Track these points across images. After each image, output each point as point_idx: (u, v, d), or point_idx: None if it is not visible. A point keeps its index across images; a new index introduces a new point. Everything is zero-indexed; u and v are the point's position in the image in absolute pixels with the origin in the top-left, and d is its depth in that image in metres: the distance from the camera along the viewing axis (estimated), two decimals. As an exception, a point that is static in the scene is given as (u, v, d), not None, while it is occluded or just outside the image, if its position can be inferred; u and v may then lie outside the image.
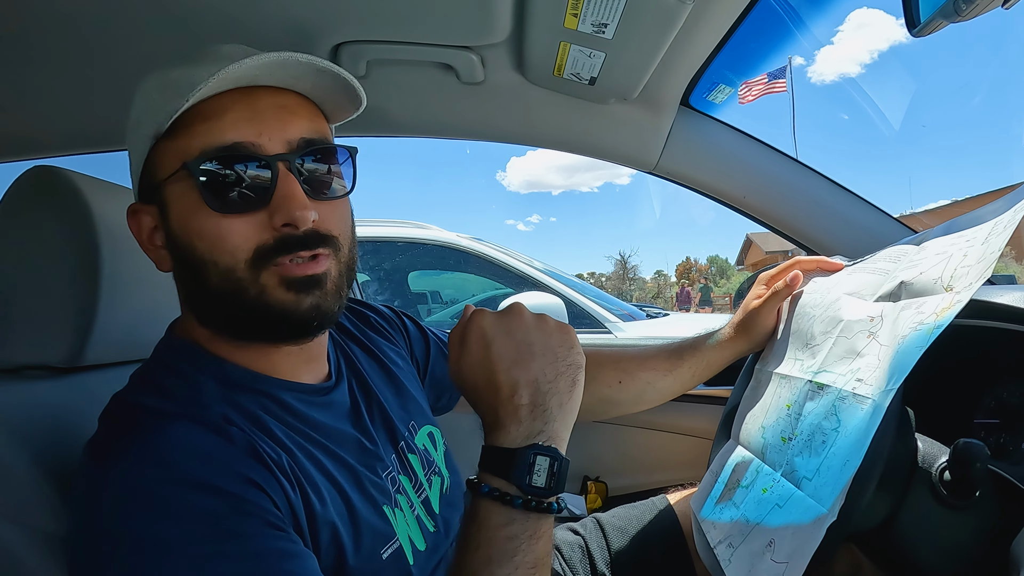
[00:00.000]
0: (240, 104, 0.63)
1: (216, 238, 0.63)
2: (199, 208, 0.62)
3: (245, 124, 0.63)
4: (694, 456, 1.64)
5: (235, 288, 0.63)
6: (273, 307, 0.64)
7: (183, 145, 0.63)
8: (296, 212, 0.62)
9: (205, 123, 0.62)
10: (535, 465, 0.57)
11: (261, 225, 0.63)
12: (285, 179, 0.63)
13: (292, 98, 0.67)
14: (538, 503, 0.57)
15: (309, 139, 0.66)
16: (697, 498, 0.95)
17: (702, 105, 1.35)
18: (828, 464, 0.69)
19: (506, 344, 0.63)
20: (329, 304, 0.66)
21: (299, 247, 0.63)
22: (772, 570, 0.69)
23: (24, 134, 1.37)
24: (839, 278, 0.93)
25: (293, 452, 0.65)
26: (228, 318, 0.66)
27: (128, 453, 0.57)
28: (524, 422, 0.59)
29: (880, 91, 14.72)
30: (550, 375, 0.61)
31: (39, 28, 1.04)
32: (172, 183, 0.64)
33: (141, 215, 0.69)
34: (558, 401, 0.61)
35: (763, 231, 1.85)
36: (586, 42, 1.05)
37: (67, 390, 0.81)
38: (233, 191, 0.62)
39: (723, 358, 1.07)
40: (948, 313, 0.64)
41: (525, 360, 0.62)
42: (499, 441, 0.59)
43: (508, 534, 0.56)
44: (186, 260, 0.65)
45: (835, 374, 0.78)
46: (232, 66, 0.59)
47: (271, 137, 0.63)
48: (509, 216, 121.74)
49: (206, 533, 0.54)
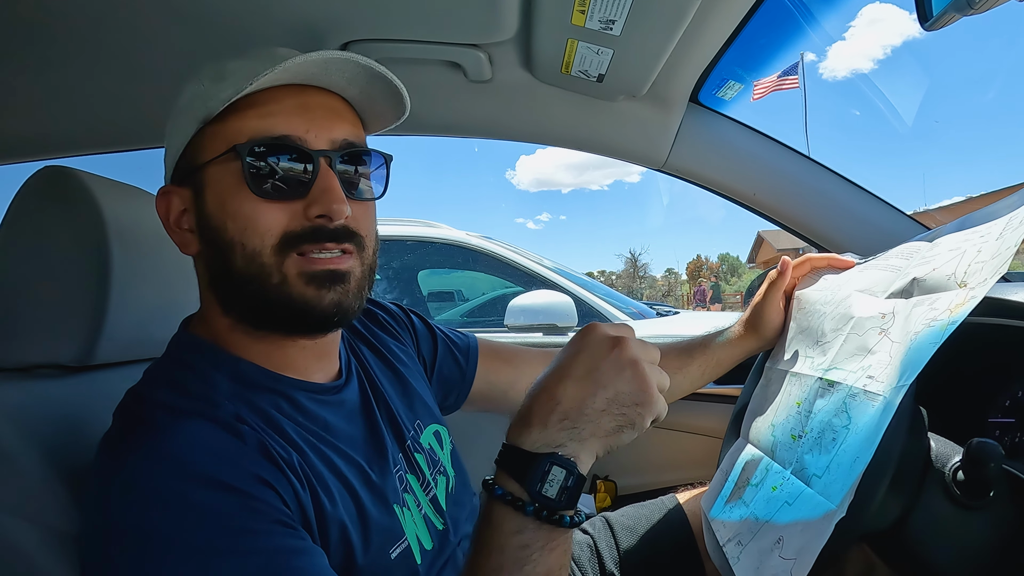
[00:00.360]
0: (292, 99, 0.66)
1: (249, 220, 0.65)
2: (239, 190, 0.65)
3: (296, 118, 0.66)
4: (704, 455, 1.63)
5: (259, 273, 0.65)
6: (295, 300, 0.66)
7: (233, 130, 0.65)
8: (333, 205, 0.65)
9: (256, 110, 0.65)
10: (549, 475, 0.55)
11: (294, 214, 0.65)
12: (325, 174, 0.66)
13: (339, 102, 0.70)
14: (549, 514, 0.55)
15: (350, 141, 0.69)
16: (707, 498, 0.95)
17: (711, 102, 1.34)
18: (838, 461, 0.69)
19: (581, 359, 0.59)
20: (350, 302, 0.68)
21: (329, 239, 0.66)
22: (780, 567, 0.68)
23: (37, 135, 1.39)
24: (850, 275, 0.92)
25: (304, 451, 0.65)
26: (250, 306, 0.68)
27: (139, 449, 0.58)
28: (549, 428, 0.56)
29: (893, 86, 14.49)
30: (598, 406, 0.57)
31: (53, 32, 1.05)
32: (215, 165, 0.66)
33: (171, 196, 0.70)
34: (592, 431, 0.57)
35: (775, 229, 1.84)
36: (594, 39, 1.04)
37: (78, 389, 0.82)
38: (274, 178, 0.65)
39: (733, 356, 1.06)
40: (962, 309, 0.63)
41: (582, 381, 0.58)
42: (520, 439, 0.57)
43: (520, 542, 0.55)
44: (215, 242, 0.67)
45: (846, 371, 0.77)
46: (297, 59, 0.62)
47: (317, 134, 0.66)
48: (519, 215, 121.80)
49: (216, 529, 0.54)
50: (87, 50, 1.10)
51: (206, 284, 0.71)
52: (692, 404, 1.61)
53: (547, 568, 0.55)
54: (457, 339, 1.03)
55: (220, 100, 0.64)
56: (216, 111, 0.65)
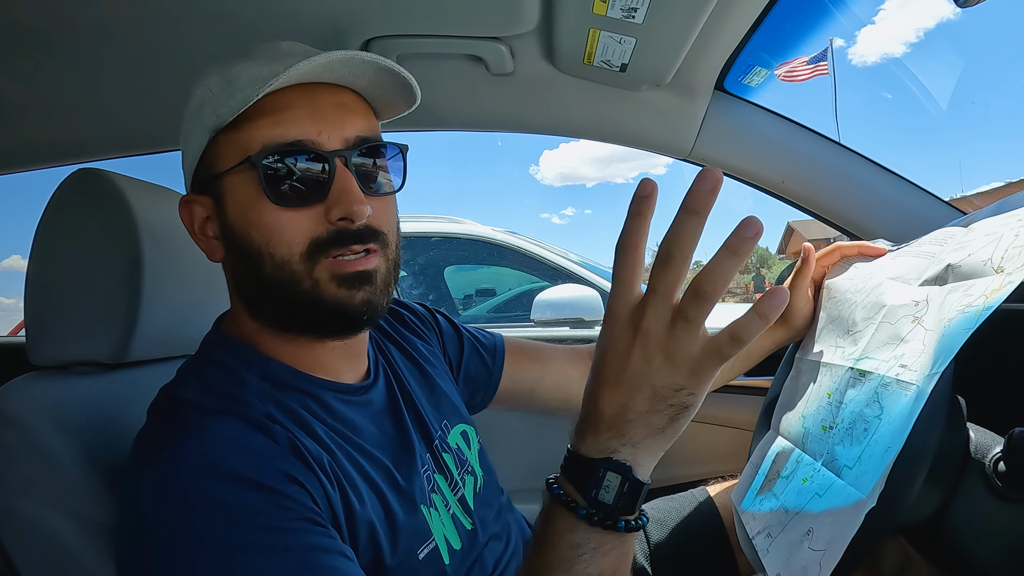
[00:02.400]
0: (301, 101, 0.65)
1: (274, 230, 0.65)
2: (258, 200, 0.65)
3: (307, 121, 0.65)
4: (734, 448, 1.61)
5: (289, 280, 0.65)
6: (327, 302, 0.66)
7: (245, 138, 0.65)
8: (353, 207, 0.64)
9: (267, 118, 0.65)
10: (604, 480, 0.53)
11: (317, 219, 0.65)
12: (342, 175, 0.65)
13: (349, 95, 0.69)
14: (601, 519, 0.53)
15: (364, 136, 0.68)
16: (738, 490, 0.93)
17: (737, 89, 1.31)
18: (870, 452, 0.67)
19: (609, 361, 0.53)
20: (378, 299, 0.68)
21: (353, 241, 0.66)
22: (809, 558, 0.67)
23: (69, 140, 1.43)
24: (882, 263, 0.90)
25: (334, 452, 0.66)
26: (280, 310, 0.68)
27: (172, 447, 0.59)
28: (601, 436, 0.53)
29: (926, 69, 13.98)
30: (641, 408, 0.52)
31: (80, 38, 1.08)
32: (232, 175, 0.66)
33: (194, 205, 0.71)
34: (645, 434, 0.53)
35: (804, 218, 1.79)
36: (616, 27, 1.03)
37: (114, 385, 0.84)
38: (292, 185, 0.65)
39: (762, 347, 1.04)
40: (998, 295, 0.61)
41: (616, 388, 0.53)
42: (579, 445, 0.55)
43: (571, 542, 0.53)
44: (242, 251, 0.67)
45: (878, 360, 0.75)
46: (301, 63, 0.62)
47: (330, 135, 0.66)
48: (543, 209, 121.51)
49: (248, 526, 0.55)
50: (112, 55, 1.12)
51: (233, 289, 0.72)
52: (722, 397, 1.58)
53: (599, 570, 0.53)
54: (483, 338, 1.03)
55: (230, 108, 0.64)
56: (227, 120, 0.65)
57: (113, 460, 0.74)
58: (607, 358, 0.53)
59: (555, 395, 1.05)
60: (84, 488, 0.72)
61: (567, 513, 0.53)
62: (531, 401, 1.05)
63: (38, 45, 1.09)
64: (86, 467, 0.73)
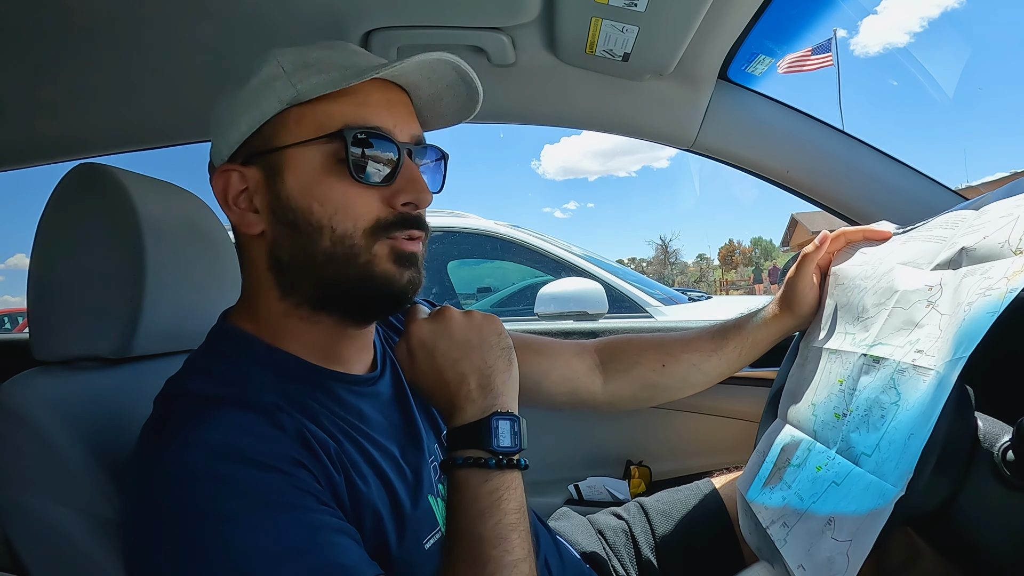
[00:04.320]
0: (380, 94, 0.70)
1: (341, 204, 0.67)
2: (328, 174, 0.67)
3: (385, 112, 0.70)
4: (739, 440, 1.60)
5: (347, 253, 0.67)
6: (379, 276, 0.69)
7: (324, 114, 0.68)
8: (422, 194, 0.70)
9: (350, 101, 0.68)
10: (499, 429, 0.65)
11: (382, 200, 0.69)
12: (410, 165, 0.71)
13: (409, 100, 0.75)
14: (508, 461, 0.64)
15: (420, 138, 0.74)
16: (744, 479, 0.93)
17: (741, 78, 1.30)
18: (890, 439, 0.66)
19: (447, 346, 0.69)
20: (419, 280, 0.72)
21: (413, 226, 0.70)
22: (834, 548, 0.66)
23: (71, 136, 1.42)
24: (892, 248, 0.89)
25: (340, 440, 0.67)
26: (323, 285, 0.69)
27: (180, 434, 0.59)
28: (477, 401, 0.66)
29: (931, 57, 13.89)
30: (489, 360, 0.69)
31: (82, 34, 1.07)
32: (302, 148, 0.68)
33: (232, 175, 0.70)
34: (502, 379, 0.69)
35: (809, 211, 1.78)
36: (618, 16, 1.02)
37: (118, 380, 0.84)
38: (368, 165, 0.68)
39: (769, 336, 1.03)
40: (1021, 276, 0.61)
41: (467, 354, 0.69)
42: (460, 422, 0.66)
43: (489, 489, 0.62)
44: (296, 224, 0.68)
45: (892, 346, 0.74)
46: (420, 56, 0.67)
47: (402, 129, 0.70)
48: (545, 203, 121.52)
49: (258, 503, 0.55)
50: (114, 50, 1.12)
51: (266, 267, 0.71)
52: (727, 388, 1.58)
53: (518, 503, 0.63)
54: None
55: (311, 85, 0.67)
56: (308, 96, 0.67)
57: (118, 455, 0.74)
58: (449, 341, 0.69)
59: (561, 389, 1.04)
60: (89, 482, 0.72)
61: (478, 470, 0.63)
62: (537, 395, 1.05)
63: (40, 41, 1.09)
64: (91, 462, 0.73)
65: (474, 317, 0.72)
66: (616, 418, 1.69)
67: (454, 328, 0.70)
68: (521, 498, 0.64)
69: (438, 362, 0.69)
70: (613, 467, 1.71)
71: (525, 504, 0.64)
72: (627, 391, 1.07)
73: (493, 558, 0.58)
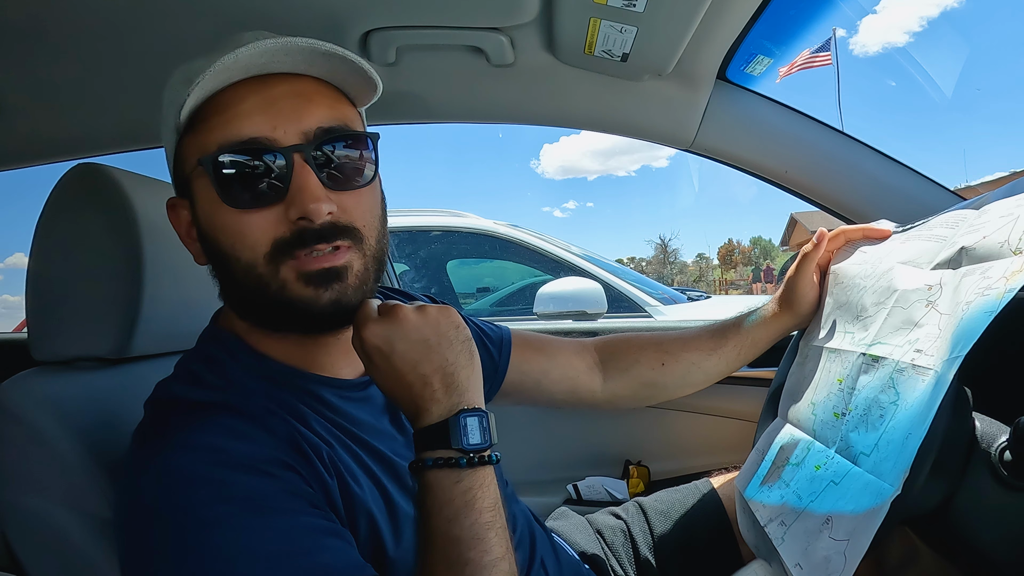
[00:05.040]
0: (253, 95, 0.62)
1: (236, 233, 0.63)
2: (219, 203, 0.63)
3: (259, 116, 0.62)
4: (738, 440, 1.60)
5: (257, 283, 0.64)
6: (294, 302, 0.64)
7: (202, 139, 0.63)
8: (309, 205, 0.61)
9: (220, 116, 0.62)
10: (467, 426, 0.61)
11: (278, 219, 0.62)
12: (300, 171, 0.62)
13: (310, 84, 0.66)
14: (480, 458, 0.61)
15: (326, 127, 0.64)
16: (742, 477, 0.93)
17: (739, 78, 1.30)
18: (888, 439, 0.67)
19: (405, 348, 0.63)
20: (350, 297, 0.65)
21: (316, 240, 0.63)
22: (831, 548, 0.67)
23: (68, 135, 1.42)
24: (891, 247, 0.89)
25: (332, 445, 0.66)
26: (258, 312, 0.67)
27: (172, 438, 0.59)
28: (442, 401, 0.62)
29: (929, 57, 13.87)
30: (451, 357, 0.64)
31: (78, 32, 1.07)
32: (195, 178, 0.65)
33: (179, 209, 0.70)
34: (465, 375, 0.64)
35: (808, 210, 1.78)
36: (616, 16, 1.02)
37: (116, 380, 0.84)
38: (249, 186, 0.62)
39: (768, 335, 1.03)
40: (1019, 276, 0.61)
41: (426, 355, 0.63)
42: (426, 422, 0.62)
43: (462, 488, 0.59)
44: (213, 254, 0.66)
45: (891, 346, 0.74)
46: (229, 55, 0.58)
47: (286, 130, 0.62)
48: (545, 203, 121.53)
49: (252, 508, 0.55)
50: (111, 49, 1.12)
51: (220, 291, 0.71)
52: (725, 388, 1.58)
53: (492, 500, 0.60)
54: (490, 331, 1.02)
55: (188, 109, 0.62)
56: (182, 120, 0.62)
57: (115, 455, 0.74)
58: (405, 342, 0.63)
59: (561, 387, 1.05)
60: (86, 482, 0.72)
61: (450, 471, 0.60)
62: (537, 393, 1.05)
63: (38, 40, 1.09)
64: (88, 462, 0.73)
65: (428, 313, 0.65)
66: (615, 418, 1.70)
67: (409, 328, 0.63)
68: (495, 494, 0.61)
69: (397, 365, 0.63)
70: (612, 467, 1.71)
71: (500, 498, 0.62)
72: (627, 390, 1.07)
73: (471, 560, 0.57)
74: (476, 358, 0.67)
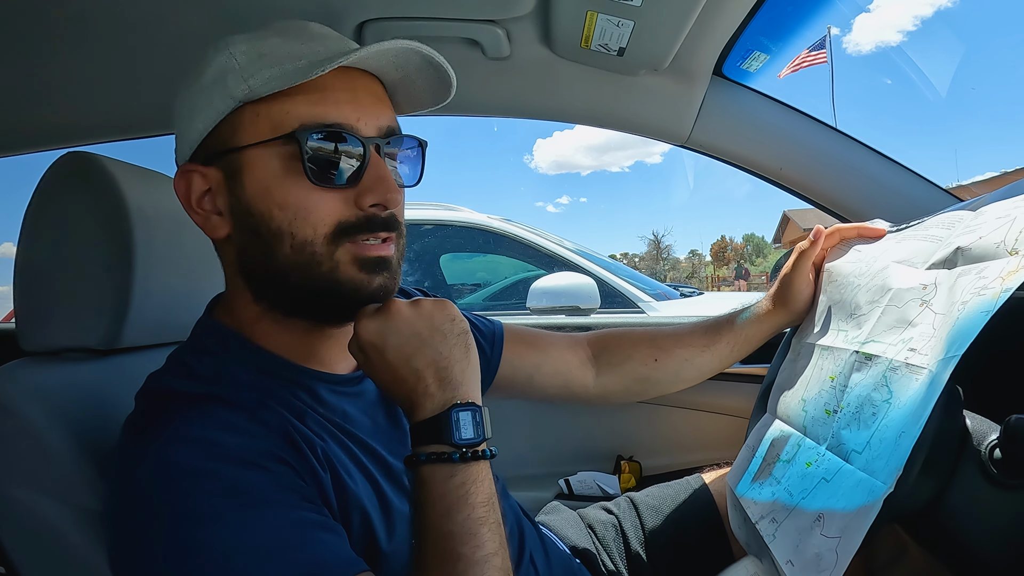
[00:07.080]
0: (341, 85, 0.65)
1: (301, 209, 0.64)
2: (288, 177, 0.64)
3: (347, 106, 0.65)
4: (730, 435, 1.61)
5: (308, 261, 0.64)
6: (344, 284, 0.66)
7: (278, 114, 0.64)
8: (389, 194, 0.65)
9: (307, 96, 0.63)
10: (460, 421, 0.61)
11: (346, 202, 0.65)
12: (377, 162, 0.65)
13: (379, 86, 0.70)
14: (473, 453, 0.61)
15: (392, 128, 0.69)
16: (733, 473, 0.93)
17: (736, 74, 1.30)
18: (880, 437, 0.67)
19: (398, 342, 0.64)
20: (393, 285, 0.69)
21: (382, 228, 0.66)
22: (823, 545, 0.67)
23: (59, 123, 1.41)
24: (887, 246, 0.89)
25: (325, 439, 0.66)
26: (288, 294, 0.67)
27: (163, 434, 0.58)
28: (436, 395, 0.63)
29: (923, 56, 13.90)
30: (444, 351, 0.64)
31: (70, 20, 1.06)
32: (258, 149, 0.64)
33: (193, 176, 0.68)
34: (460, 368, 0.64)
35: (801, 208, 1.79)
36: (613, 10, 1.02)
37: (106, 372, 0.83)
38: (328, 166, 0.64)
39: (762, 332, 1.04)
40: (1015, 277, 0.61)
41: (419, 349, 0.64)
42: (420, 417, 0.63)
43: (456, 483, 0.60)
44: (256, 229, 0.65)
45: (885, 344, 0.75)
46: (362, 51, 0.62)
47: (367, 122, 0.66)
48: (538, 198, 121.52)
49: (244, 501, 0.55)
50: (103, 38, 1.11)
51: (236, 271, 0.70)
52: (718, 384, 1.58)
53: (486, 495, 0.61)
54: (482, 325, 1.02)
55: (263, 80, 0.63)
56: (261, 93, 0.63)
57: (104, 447, 0.73)
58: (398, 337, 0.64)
59: (553, 382, 1.04)
60: (75, 474, 0.71)
61: (443, 465, 0.60)
62: (529, 388, 1.05)
63: (31, 28, 1.07)
64: (77, 453, 0.72)
65: (423, 307, 0.66)
66: (607, 413, 1.70)
67: (402, 323, 0.65)
68: (489, 489, 0.61)
69: (391, 360, 0.64)
70: (603, 462, 1.71)
71: (494, 493, 0.62)
72: (619, 385, 1.07)
73: (464, 555, 0.57)
74: (473, 352, 0.67)
